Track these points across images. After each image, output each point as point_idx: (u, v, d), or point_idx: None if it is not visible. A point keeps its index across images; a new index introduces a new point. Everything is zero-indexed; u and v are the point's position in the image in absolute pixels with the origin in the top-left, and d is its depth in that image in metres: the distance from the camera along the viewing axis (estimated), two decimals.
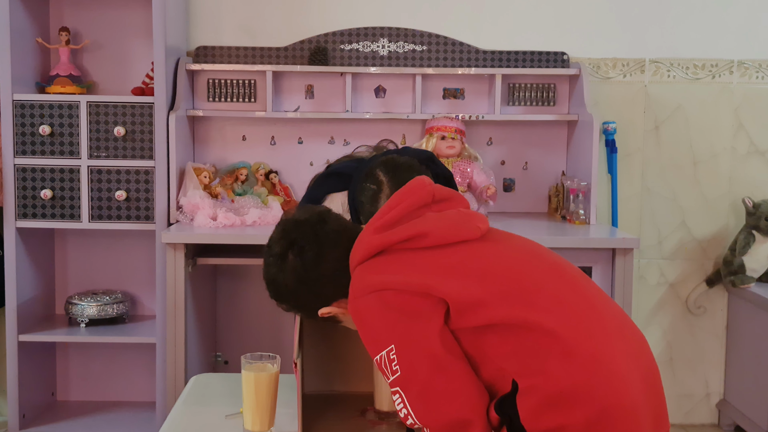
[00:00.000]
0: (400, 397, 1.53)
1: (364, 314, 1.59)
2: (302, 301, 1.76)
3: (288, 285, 1.73)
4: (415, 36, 3.68)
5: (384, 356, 1.54)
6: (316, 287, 1.72)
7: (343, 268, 1.70)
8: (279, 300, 1.79)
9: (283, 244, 1.74)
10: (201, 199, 3.34)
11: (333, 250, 1.71)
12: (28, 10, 3.42)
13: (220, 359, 3.76)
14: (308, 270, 1.71)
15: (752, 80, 3.76)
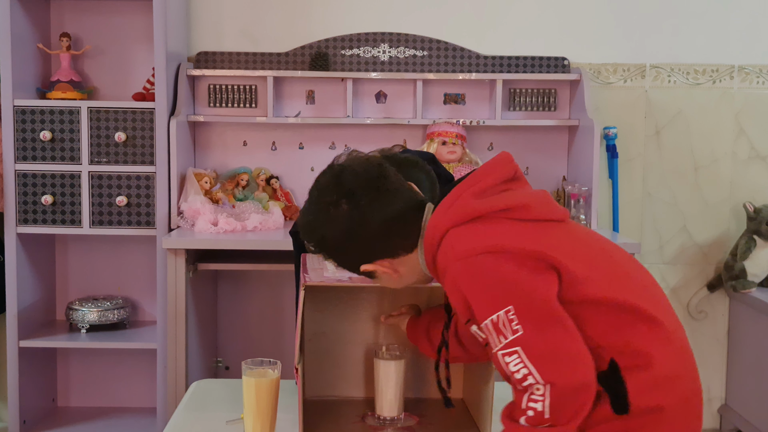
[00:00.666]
0: (518, 356, 1.48)
1: (477, 275, 1.52)
2: (345, 253, 1.69)
3: (335, 236, 1.66)
4: (416, 41, 3.68)
5: (501, 316, 1.48)
6: (366, 243, 1.66)
7: (398, 227, 1.65)
8: (317, 248, 1.71)
9: (337, 193, 1.65)
10: (202, 205, 3.34)
11: (390, 207, 1.64)
12: (29, 15, 3.42)
13: (221, 365, 3.76)
14: (362, 224, 1.63)
15: (753, 85, 3.76)
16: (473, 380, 2.15)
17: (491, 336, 1.51)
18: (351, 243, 1.66)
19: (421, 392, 2.24)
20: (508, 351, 1.49)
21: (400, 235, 1.66)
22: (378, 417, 2.07)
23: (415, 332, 2.07)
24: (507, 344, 1.49)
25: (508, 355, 1.49)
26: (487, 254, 1.53)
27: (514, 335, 1.48)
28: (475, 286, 1.53)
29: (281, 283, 3.71)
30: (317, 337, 2.21)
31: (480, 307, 1.52)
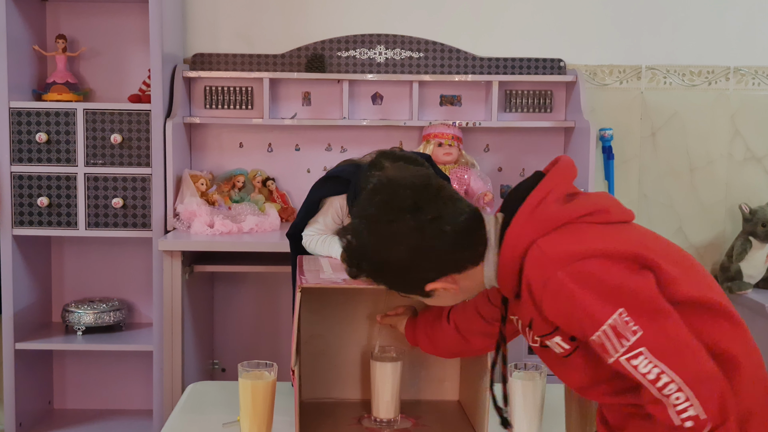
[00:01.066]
0: (644, 357, 1.42)
1: (584, 281, 1.46)
2: (410, 273, 1.59)
3: (400, 256, 1.57)
4: (411, 43, 3.68)
5: (617, 320, 1.43)
6: (435, 258, 1.57)
7: (466, 238, 1.58)
8: (373, 273, 1.61)
9: (399, 209, 1.56)
10: (198, 207, 3.34)
11: (457, 217, 1.57)
12: (25, 17, 3.42)
13: (217, 367, 3.75)
14: (432, 238, 1.55)
15: (748, 87, 3.76)
16: (470, 382, 2.15)
17: (610, 343, 1.44)
18: (419, 261, 1.58)
19: (418, 394, 2.24)
20: (632, 354, 1.43)
21: (468, 246, 1.59)
22: (374, 419, 2.07)
23: (414, 333, 2.07)
24: (630, 347, 1.43)
25: (634, 358, 1.43)
26: (587, 259, 1.47)
27: (635, 336, 1.43)
28: (584, 293, 1.46)
29: (277, 285, 3.71)
30: (314, 339, 2.21)
31: (592, 315, 1.45)
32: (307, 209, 2.38)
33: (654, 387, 1.43)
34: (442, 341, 2.00)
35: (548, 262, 1.49)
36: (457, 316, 1.96)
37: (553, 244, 1.51)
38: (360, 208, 1.63)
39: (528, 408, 1.89)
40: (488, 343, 1.92)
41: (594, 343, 1.47)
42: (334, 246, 2.28)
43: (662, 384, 1.42)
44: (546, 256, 1.49)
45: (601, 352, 1.47)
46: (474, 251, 1.60)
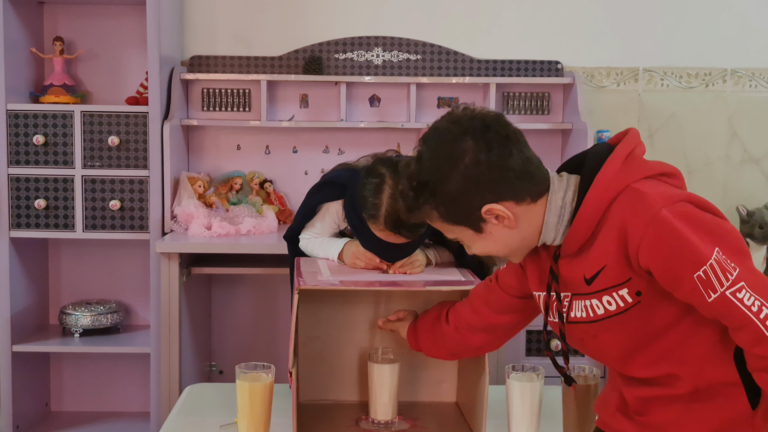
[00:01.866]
0: (746, 291, 1.45)
1: (688, 218, 1.49)
2: (474, 187, 1.57)
3: (461, 170, 1.56)
4: (409, 45, 3.68)
5: (718, 256, 1.45)
6: (499, 174, 1.57)
7: (531, 169, 1.60)
8: (432, 190, 1.59)
9: (471, 128, 1.58)
10: (195, 209, 3.34)
11: (525, 148, 1.62)
12: (22, 19, 3.42)
13: (214, 369, 3.75)
14: (501, 156, 1.57)
15: (745, 88, 3.77)
16: (467, 384, 2.15)
17: (716, 277, 1.45)
18: (480, 176, 1.57)
19: (416, 396, 2.24)
20: (737, 287, 1.45)
21: (530, 178, 1.60)
22: (372, 420, 2.07)
23: (416, 337, 2.07)
24: (734, 281, 1.45)
25: (739, 291, 1.45)
26: (684, 202, 1.52)
27: (735, 272, 1.46)
28: (689, 230, 1.47)
29: (275, 287, 3.71)
30: (311, 341, 2.21)
31: (698, 250, 1.46)
32: (304, 214, 2.38)
33: (758, 319, 1.44)
34: (443, 342, 2.00)
35: (651, 200, 1.50)
36: (456, 315, 1.96)
37: (649, 187, 1.53)
38: (425, 135, 1.64)
39: (526, 410, 1.89)
40: (486, 339, 1.93)
41: (689, 284, 1.47)
42: (332, 248, 2.29)
43: (765, 315, 1.44)
44: (647, 195, 1.51)
45: (696, 293, 1.47)
46: (535, 184, 1.60)
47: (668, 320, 1.55)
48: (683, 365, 1.55)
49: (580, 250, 1.60)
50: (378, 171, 2.16)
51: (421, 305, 2.15)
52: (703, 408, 1.56)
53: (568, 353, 1.71)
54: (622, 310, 1.56)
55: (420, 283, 2.10)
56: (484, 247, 1.65)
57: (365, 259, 2.20)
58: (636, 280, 1.53)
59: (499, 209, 1.58)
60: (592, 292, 1.59)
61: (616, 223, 1.53)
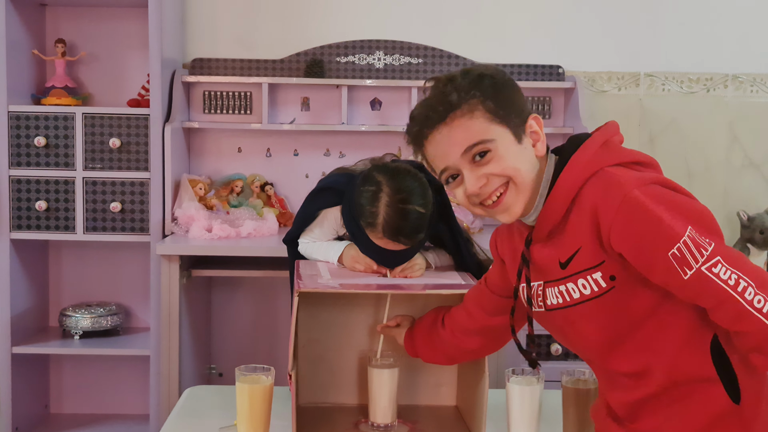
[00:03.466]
0: (722, 266, 1.44)
1: (659, 197, 1.49)
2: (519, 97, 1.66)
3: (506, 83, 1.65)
4: (410, 49, 3.69)
5: (691, 233, 1.45)
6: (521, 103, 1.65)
7: None
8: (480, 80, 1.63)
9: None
10: (196, 211, 3.34)
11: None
12: (24, 21, 3.42)
13: (214, 371, 3.75)
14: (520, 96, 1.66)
15: (746, 94, 3.77)
16: (467, 387, 2.15)
17: (690, 253, 1.45)
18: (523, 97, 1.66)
19: (415, 399, 2.24)
20: (712, 262, 1.44)
21: None
22: (371, 424, 2.07)
23: (413, 344, 2.07)
24: (709, 256, 1.44)
25: (714, 266, 1.44)
26: (655, 184, 1.52)
27: (710, 247, 1.45)
28: (660, 208, 1.47)
29: (275, 290, 3.71)
30: (311, 344, 2.21)
31: (671, 227, 1.46)
32: (302, 220, 2.38)
33: (736, 293, 1.43)
34: (439, 347, 2.00)
35: (623, 181, 1.50)
36: (451, 320, 1.96)
37: (622, 171, 1.54)
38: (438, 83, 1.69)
39: (526, 413, 1.89)
40: (482, 342, 1.93)
41: (663, 263, 1.45)
42: (332, 251, 2.29)
43: (742, 288, 1.43)
44: (619, 177, 1.51)
45: (671, 272, 1.45)
46: None
47: (644, 309, 1.54)
48: (658, 356, 1.54)
49: (552, 234, 1.59)
50: (374, 179, 2.15)
51: (421, 308, 2.15)
52: (684, 409, 1.55)
53: (534, 336, 1.74)
54: (596, 295, 1.55)
55: (420, 286, 2.10)
56: (517, 159, 1.60)
57: (365, 263, 2.21)
58: (609, 264, 1.52)
59: (541, 126, 1.64)
60: (567, 275, 1.58)
61: (588, 205, 1.53)
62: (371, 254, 2.19)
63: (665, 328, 1.54)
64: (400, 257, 2.19)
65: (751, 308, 1.42)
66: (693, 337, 1.53)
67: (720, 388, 1.52)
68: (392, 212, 2.09)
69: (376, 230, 2.12)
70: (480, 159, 1.58)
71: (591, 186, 1.54)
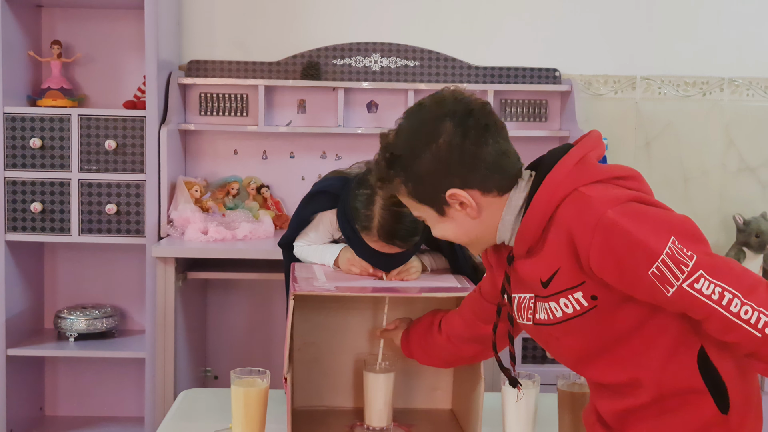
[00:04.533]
0: (705, 280, 1.42)
1: (635, 215, 1.47)
2: (443, 170, 1.58)
3: (440, 150, 1.57)
4: (407, 51, 3.69)
5: (672, 248, 1.43)
6: (472, 161, 1.57)
7: (503, 163, 1.59)
8: (404, 162, 1.61)
9: (453, 111, 1.58)
10: (192, 213, 3.33)
11: (503, 140, 1.60)
12: (20, 23, 3.42)
13: (209, 374, 3.74)
14: (476, 143, 1.57)
15: (742, 98, 3.77)
16: (462, 391, 2.15)
17: (670, 271, 1.43)
18: (453, 158, 1.57)
19: (410, 402, 2.23)
20: (694, 278, 1.42)
21: (502, 172, 1.60)
22: (367, 427, 2.07)
23: (408, 345, 2.07)
24: (690, 271, 1.42)
25: (696, 282, 1.42)
26: (631, 202, 1.50)
27: (692, 261, 1.43)
28: (637, 226, 1.45)
29: (271, 293, 3.70)
30: (306, 347, 2.20)
31: (649, 246, 1.44)
32: (298, 223, 2.38)
33: (721, 307, 1.42)
34: (435, 351, 2.00)
35: (596, 204, 1.48)
36: (448, 325, 1.96)
37: (596, 191, 1.51)
38: (409, 109, 1.67)
39: (521, 417, 1.89)
40: (478, 349, 1.93)
41: (646, 282, 1.44)
42: (327, 254, 2.28)
43: (727, 301, 1.42)
44: (593, 199, 1.50)
45: (654, 290, 1.45)
46: (506, 178, 1.60)
47: (628, 324, 1.53)
48: (645, 370, 1.54)
49: (531, 251, 1.59)
50: (369, 182, 2.14)
51: (418, 312, 2.15)
52: (673, 419, 1.54)
53: (515, 355, 1.73)
54: (579, 314, 1.54)
55: (416, 289, 2.10)
56: (445, 230, 1.66)
57: (360, 266, 2.20)
58: (590, 284, 1.52)
59: (464, 196, 1.58)
60: (549, 294, 1.57)
61: (564, 227, 1.52)
62: (367, 257, 2.19)
63: (650, 343, 1.53)
64: (396, 260, 2.19)
65: (738, 320, 1.41)
66: (679, 351, 1.52)
67: (708, 399, 1.51)
68: (387, 215, 2.08)
69: (371, 234, 2.12)
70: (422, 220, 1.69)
71: (566, 207, 1.52)
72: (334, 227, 2.32)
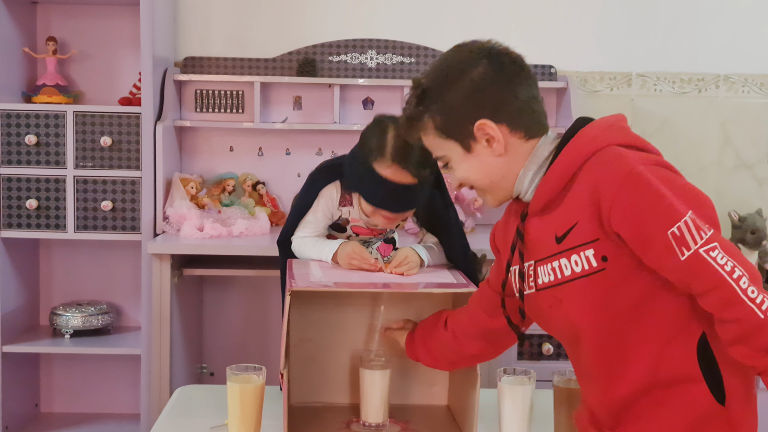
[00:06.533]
0: (719, 251, 1.43)
1: (661, 179, 1.48)
2: (468, 100, 1.60)
3: (470, 76, 1.60)
4: (403, 48, 3.68)
5: (688, 221, 1.43)
6: (506, 94, 1.60)
7: (534, 107, 1.64)
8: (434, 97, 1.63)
9: (479, 50, 1.64)
10: (188, 210, 3.33)
11: (536, 86, 1.65)
12: (15, 19, 3.41)
13: (205, 371, 3.74)
14: (506, 77, 1.61)
15: (738, 94, 3.78)
16: (459, 387, 2.15)
17: (690, 234, 1.43)
18: (485, 88, 1.60)
19: (407, 399, 2.24)
20: (710, 246, 1.43)
21: (532, 114, 1.64)
22: (363, 423, 2.07)
23: (413, 346, 2.06)
24: (708, 240, 1.43)
25: (712, 251, 1.43)
26: (657, 166, 1.51)
27: (709, 232, 1.44)
28: (665, 187, 1.46)
29: (267, 289, 3.70)
30: (303, 343, 2.20)
31: (672, 207, 1.45)
32: (300, 210, 2.38)
33: (731, 278, 1.42)
34: (440, 350, 1.99)
35: (628, 158, 1.50)
36: (454, 321, 1.96)
37: (627, 150, 1.53)
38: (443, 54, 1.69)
39: (517, 413, 1.89)
40: (482, 347, 1.92)
41: (662, 241, 1.44)
42: (325, 249, 2.28)
43: (737, 276, 1.42)
44: (625, 153, 1.51)
45: (668, 251, 1.44)
46: (535, 122, 1.64)
47: (633, 298, 1.52)
48: (641, 351, 1.53)
49: (549, 207, 1.59)
50: (380, 121, 2.25)
51: (415, 307, 2.16)
52: (668, 412, 1.53)
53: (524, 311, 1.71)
54: (586, 273, 1.53)
55: (413, 285, 2.10)
56: (468, 170, 1.66)
57: (360, 258, 2.20)
58: (604, 243, 1.51)
59: (492, 128, 1.60)
60: (561, 250, 1.56)
61: (590, 180, 1.52)
62: (378, 194, 2.20)
63: (652, 321, 1.52)
64: (406, 200, 2.21)
65: (744, 296, 1.41)
66: (680, 333, 1.52)
67: (704, 389, 1.50)
68: (400, 140, 2.12)
69: (384, 159, 2.15)
70: (446, 167, 1.69)
71: (594, 161, 1.53)
72: (335, 202, 2.33)
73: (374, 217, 2.27)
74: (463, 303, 2.05)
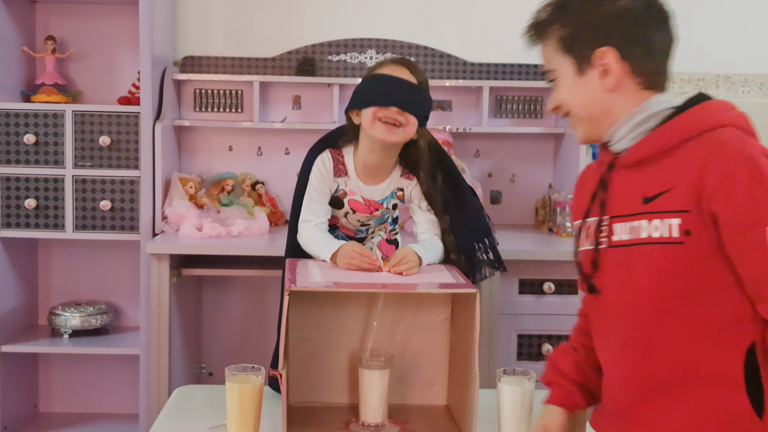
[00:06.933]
0: None
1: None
2: (595, 27, 1.58)
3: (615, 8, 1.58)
4: (402, 47, 3.68)
5: None
6: (644, 28, 1.59)
7: (664, 60, 1.63)
8: (563, 7, 1.66)
9: None
10: (186, 210, 3.32)
11: (672, 36, 1.64)
12: (14, 18, 3.40)
13: (204, 371, 3.73)
14: (646, 18, 1.59)
15: (738, 94, 3.77)
16: (458, 387, 2.15)
17: None
18: (629, 21, 1.58)
19: (406, 398, 2.23)
20: None
21: (660, 65, 1.62)
22: (362, 423, 2.06)
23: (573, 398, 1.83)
24: None
25: None
26: None
27: None
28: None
29: (265, 289, 3.70)
30: (301, 343, 2.20)
31: None
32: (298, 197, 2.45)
33: None
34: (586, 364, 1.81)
35: (753, 145, 1.48)
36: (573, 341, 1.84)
37: (747, 136, 1.51)
38: None
39: (516, 414, 1.88)
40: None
41: (760, 233, 1.42)
42: (325, 248, 2.28)
43: None
44: (748, 141, 1.49)
45: (760, 248, 1.42)
46: (659, 74, 1.62)
47: (700, 282, 1.48)
48: (693, 336, 1.49)
49: (642, 164, 1.55)
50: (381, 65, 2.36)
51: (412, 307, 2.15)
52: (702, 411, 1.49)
53: (596, 261, 1.62)
54: (664, 241, 1.49)
55: (412, 285, 2.10)
56: (570, 93, 1.62)
57: (360, 256, 2.20)
58: (692, 217, 1.47)
59: (614, 61, 1.57)
60: (646, 212, 1.52)
61: (702, 152, 1.48)
62: (379, 90, 2.28)
63: (710, 312, 1.49)
64: (407, 96, 2.26)
65: None
66: (732, 335, 1.48)
67: (743, 398, 1.47)
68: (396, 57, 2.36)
69: (384, 64, 2.32)
70: (551, 83, 1.66)
71: (713, 135, 1.50)
72: (329, 172, 2.41)
73: (375, 128, 2.28)
74: (462, 303, 2.05)
